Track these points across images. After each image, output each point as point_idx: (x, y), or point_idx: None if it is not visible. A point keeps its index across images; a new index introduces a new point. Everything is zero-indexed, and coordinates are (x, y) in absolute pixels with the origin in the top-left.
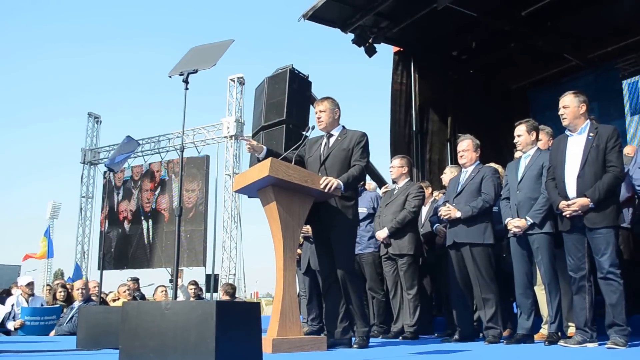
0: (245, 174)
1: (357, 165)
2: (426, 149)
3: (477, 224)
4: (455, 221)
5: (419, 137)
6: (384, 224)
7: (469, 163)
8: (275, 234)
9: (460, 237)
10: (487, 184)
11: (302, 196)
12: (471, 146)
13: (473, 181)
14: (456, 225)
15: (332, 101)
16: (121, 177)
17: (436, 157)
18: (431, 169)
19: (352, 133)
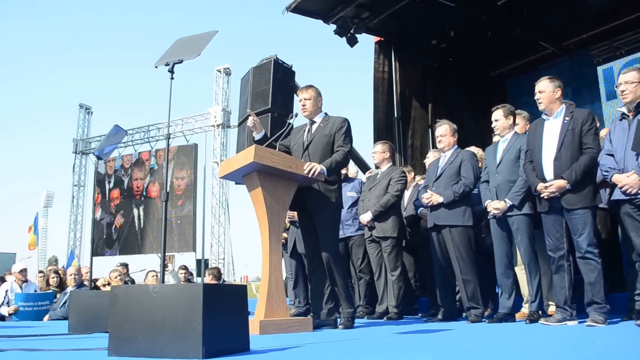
0: (230, 160)
1: (340, 151)
2: (408, 134)
3: (457, 207)
4: (437, 205)
5: (400, 123)
6: (367, 208)
7: (447, 147)
8: (261, 219)
9: (441, 219)
10: (466, 167)
11: (286, 181)
12: (448, 131)
13: (452, 165)
14: (437, 209)
15: (316, 89)
16: (112, 165)
17: (418, 142)
18: (413, 154)
19: (334, 119)
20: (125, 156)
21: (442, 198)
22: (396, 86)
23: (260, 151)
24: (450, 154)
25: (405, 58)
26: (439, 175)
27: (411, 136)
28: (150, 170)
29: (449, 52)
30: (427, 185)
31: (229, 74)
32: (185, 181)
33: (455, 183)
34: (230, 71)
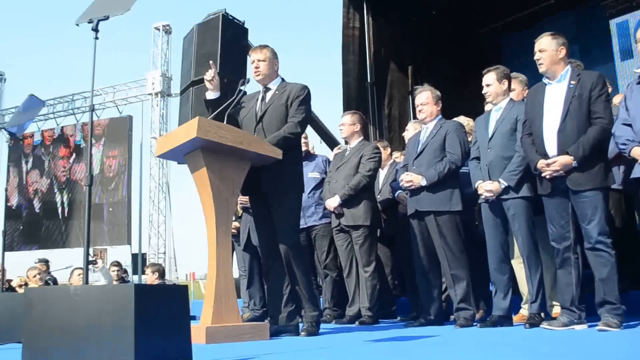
0: (169, 135)
1: (290, 123)
2: (384, 103)
3: (442, 189)
4: (418, 187)
5: (375, 89)
6: (334, 191)
7: (429, 118)
8: (206, 205)
9: (424, 204)
10: (452, 141)
11: (236, 160)
12: (431, 98)
13: (435, 139)
14: (419, 192)
15: (271, 50)
16: (30, 142)
17: (396, 112)
18: (391, 126)
19: (291, 86)
20: (46, 131)
21: (424, 179)
22: (369, 46)
23: (204, 124)
24: (432, 126)
25: (380, 12)
26: (420, 152)
27: (387, 105)
28: (76, 148)
29: (432, 4)
30: (406, 164)
31: (170, 32)
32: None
33: (439, 160)
34: (171, 29)
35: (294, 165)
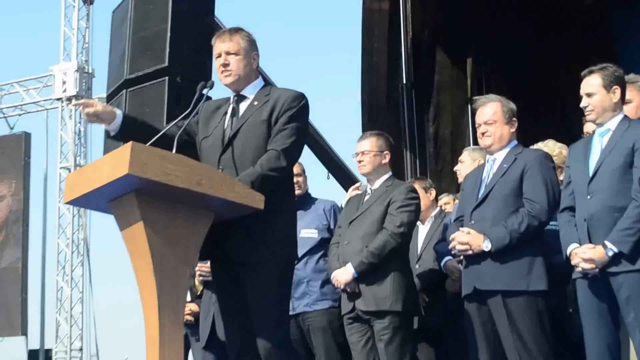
0: (86, 170)
1: (271, 153)
2: (427, 117)
3: (516, 258)
4: (479, 255)
5: (412, 95)
6: (346, 257)
7: (497, 144)
8: (142, 279)
9: (487, 280)
10: (534, 182)
11: (192, 211)
12: (500, 114)
13: (506, 178)
14: (479, 261)
15: (247, 36)
16: None
17: (446, 131)
18: (438, 154)
19: (279, 93)
20: None
21: (489, 240)
22: (405, 27)
23: (141, 154)
24: (503, 157)
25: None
26: (483, 197)
27: (433, 120)
28: None
29: None
30: (461, 217)
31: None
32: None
33: (512, 212)
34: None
35: (280, 218)
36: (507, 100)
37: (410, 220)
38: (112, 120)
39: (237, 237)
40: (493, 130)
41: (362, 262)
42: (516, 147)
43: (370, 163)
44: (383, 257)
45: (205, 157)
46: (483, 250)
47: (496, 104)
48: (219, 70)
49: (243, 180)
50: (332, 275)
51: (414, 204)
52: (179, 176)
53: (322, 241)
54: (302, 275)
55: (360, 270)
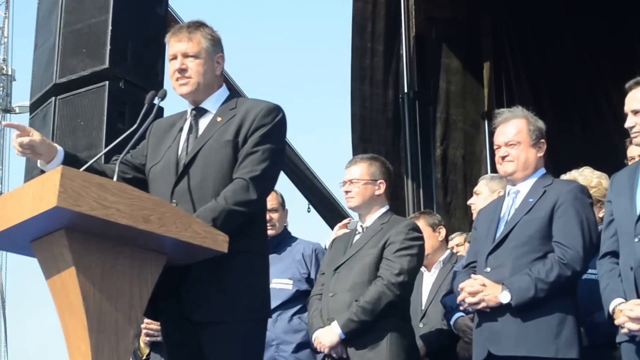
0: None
1: (238, 183)
2: (434, 134)
3: (542, 315)
4: (495, 310)
5: (415, 107)
6: (331, 314)
7: (520, 172)
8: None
9: (505, 343)
10: (567, 222)
11: (138, 255)
12: (525, 134)
13: (532, 216)
14: (496, 318)
15: (210, 34)
16: None
17: (457, 153)
18: (447, 183)
19: (248, 106)
20: None
21: (508, 291)
22: (407, 21)
23: (73, 181)
24: (528, 189)
25: None
26: (501, 239)
27: (441, 139)
28: None
29: None
30: (473, 262)
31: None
32: None
33: (538, 258)
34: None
35: (248, 265)
36: (534, 117)
37: (412, 266)
38: (51, 156)
39: (195, 288)
40: (516, 153)
41: (351, 320)
42: (545, 177)
43: (360, 195)
44: (377, 314)
45: (155, 187)
46: (500, 303)
47: (521, 121)
48: (174, 77)
49: (202, 216)
50: (314, 336)
51: (416, 246)
52: (121, 210)
53: (298, 294)
54: (271, 336)
55: (348, 330)
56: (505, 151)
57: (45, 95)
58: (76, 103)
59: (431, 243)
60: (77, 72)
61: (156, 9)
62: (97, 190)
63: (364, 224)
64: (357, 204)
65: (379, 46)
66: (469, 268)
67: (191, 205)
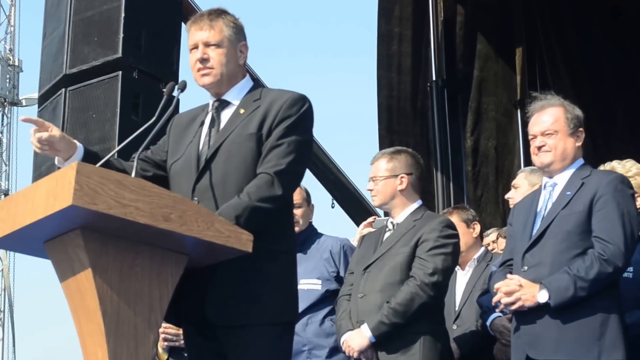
0: (13, 200)
1: (262, 178)
2: (464, 124)
3: (583, 316)
4: (533, 311)
5: (444, 95)
6: (361, 316)
7: (558, 164)
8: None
9: (544, 346)
10: (607, 215)
11: (157, 256)
12: (562, 122)
13: (570, 209)
14: (534, 320)
15: (234, 22)
16: None
17: (489, 144)
18: (478, 175)
19: (272, 97)
20: None
21: (546, 290)
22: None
23: (89, 178)
24: (565, 181)
25: None
26: (538, 235)
27: (472, 129)
28: None
29: None
30: (509, 260)
31: None
32: None
33: (578, 255)
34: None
35: (275, 265)
36: (572, 105)
37: (446, 265)
38: (70, 153)
39: (218, 290)
40: (553, 143)
41: (381, 323)
42: (583, 168)
43: (381, 192)
44: (409, 316)
45: (176, 184)
46: (538, 303)
47: (557, 109)
48: (195, 67)
49: (225, 214)
50: (343, 340)
51: (450, 244)
52: (140, 208)
53: (328, 294)
54: (302, 341)
55: (379, 333)
56: (542, 141)
57: (54, 87)
58: (87, 94)
59: (465, 240)
60: (88, 62)
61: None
62: (114, 188)
63: (394, 221)
64: (380, 202)
65: (406, 31)
66: (505, 266)
67: (213, 203)
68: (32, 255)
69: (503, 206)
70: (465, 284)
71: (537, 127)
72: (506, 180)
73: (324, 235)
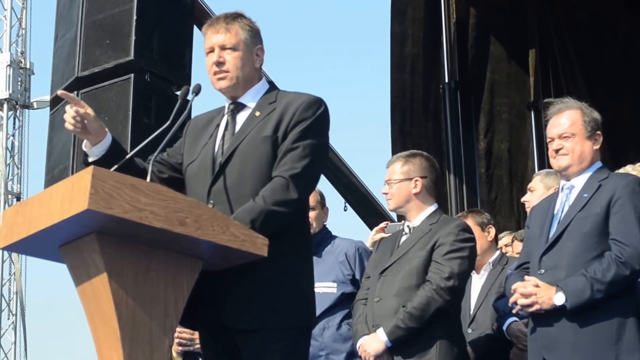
0: (29, 204)
1: (277, 181)
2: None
3: (600, 320)
4: (549, 314)
5: (457, 97)
6: (377, 320)
7: (575, 167)
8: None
9: (561, 349)
10: (624, 218)
11: (173, 260)
12: (580, 125)
13: (587, 212)
14: (551, 323)
15: (250, 25)
16: None
17: (502, 146)
18: (492, 178)
19: (288, 100)
20: None
21: (562, 293)
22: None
23: (104, 182)
24: (582, 184)
25: None
26: (555, 238)
27: (485, 131)
28: None
29: None
30: (525, 263)
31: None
32: None
33: (595, 257)
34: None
35: (290, 268)
36: (589, 108)
37: (463, 269)
38: (99, 138)
39: (233, 294)
40: (570, 146)
41: (397, 327)
42: (600, 171)
43: (396, 196)
44: (426, 320)
45: (192, 187)
46: (555, 305)
47: (575, 111)
48: (211, 71)
49: (240, 218)
50: (359, 344)
51: (467, 248)
52: (156, 213)
53: (343, 297)
54: (320, 345)
55: (395, 338)
56: (559, 144)
57: (66, 90)
58: (100, 97)
59: (480, 244)
60: (100, 65)
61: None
62: (129, 192)
63: (410, 224)
64: (394, 205)
65: (419, 33)
66: (522, 269)
67: (228, 206)
68: (47, 260)
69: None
70: (480, 287)
71: (554, 130)
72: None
73: (338, 238)
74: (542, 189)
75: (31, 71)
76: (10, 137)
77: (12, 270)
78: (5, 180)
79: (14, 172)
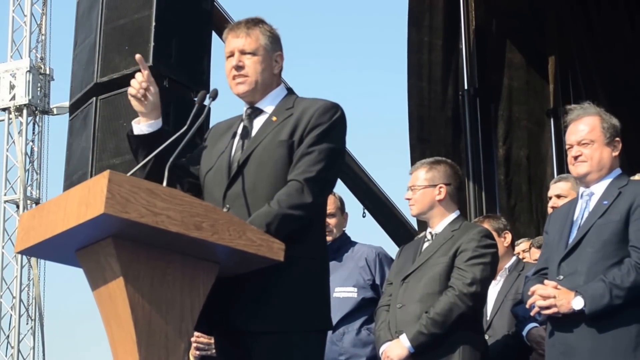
0: (45, 208)
1: (292, 185)
2: (495, 134)
3: (619, 325)
4: (567, 318)
5: (476, 104)
6: (400, 326)
7: (595, 173)
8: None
9: (579, 355)
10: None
11: (189, 265)
12: (599, 132)
13: (606, 219)
14: (569, 328)
15: (270, 31)
16: None
17: (521, 153)
18: (510, 185)
19: (305, 105)
20: None
21: (581, 298)
22: (467, 14)
23: (121, 187)
24: (602, 190)
25: None
26: (574, 244)
27: (504, 139)
28: None
29: None
30: (543, 269)
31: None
32: None
33: (615, 264)
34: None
35: (306, 273)
36: (608, 114)
37: (485, 275)
38: (151, 118)
39: (249, 298)
40: (590, 153)
41: (420, 333)
42: (620, 178)
43: (419, 201)
44: (448, 326)
45: (209, 192)
46: (573, 310)
47: (594, 118)
48: (230, 75)
49: (256, 222)
50: (381, 350)
51: (489, 254)
52: (172, 217)
53: (364, 302)
54: (339, 350)
55: (418, 344)
56: (578, 151)
57: (85, 96)
58: (118, 103)
59: (500, 249)
60: (119, 71)
61: (202, 3)
62: (146, 196)
63: (433, 231)
64: (417, 211)
65: (437, 40)
66: (540, 275)
67: (245, 209)
68: (63, 264)
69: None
70: (497, 293)
71: (573, 136)
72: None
73: (358, 244)
74: (563, 192)
75: (51, 77)
76: (30, 142)
77: (30, 275)
78: (25, 185)
79: (33, 177)
